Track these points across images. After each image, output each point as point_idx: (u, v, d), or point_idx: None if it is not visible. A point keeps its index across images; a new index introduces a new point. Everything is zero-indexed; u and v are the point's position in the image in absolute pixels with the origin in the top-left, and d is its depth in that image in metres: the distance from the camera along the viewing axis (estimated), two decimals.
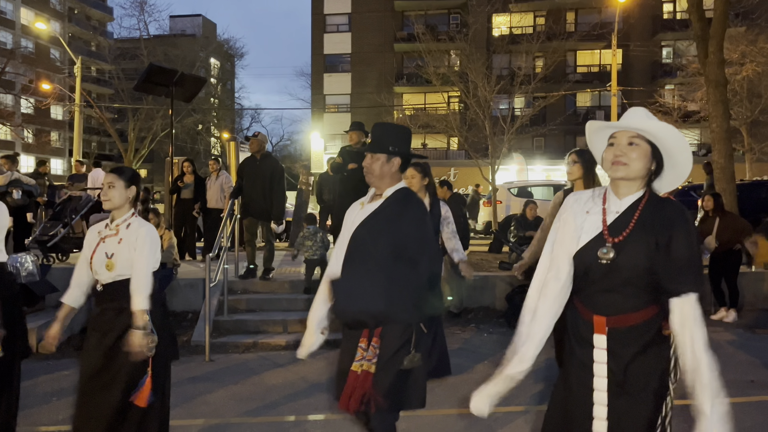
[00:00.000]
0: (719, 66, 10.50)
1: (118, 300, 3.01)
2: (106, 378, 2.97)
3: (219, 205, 9.52)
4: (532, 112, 18.01)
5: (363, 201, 2.93)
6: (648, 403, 2.01)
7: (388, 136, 2.90)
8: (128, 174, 3.12)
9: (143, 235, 3.03)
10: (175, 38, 36.05)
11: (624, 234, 2.02)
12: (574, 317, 2.16)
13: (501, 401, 2.35)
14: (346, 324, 2.78)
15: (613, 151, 2.06)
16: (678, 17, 31.08)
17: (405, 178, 4.77)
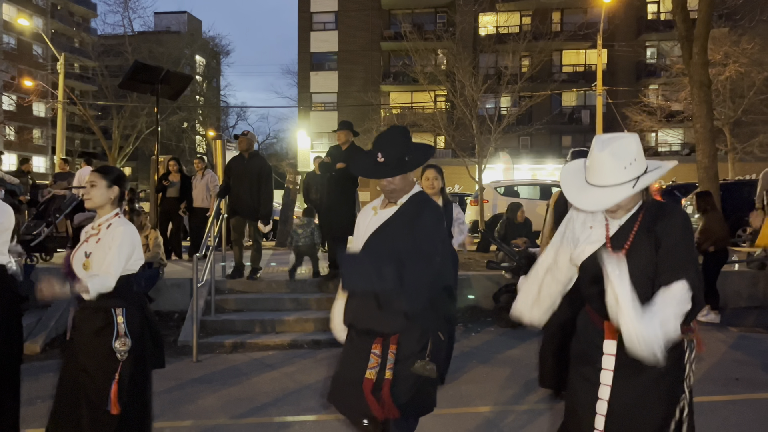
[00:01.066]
0: (703, 67, 10.62)
1: (93, 300, 2.97)
2: (76, 380, 2.94)
3: (205, 204, 9.46)
4: (519, 112, 18.07)
5: (376, 206, 2.82)
6: (655, 407, 2.02)
7: (399, 148, 2.68)
8: (112, 174, 3.08)
9: (118, 234, 2.97)
10: (160, 35, 35.73)
11: (626, 247, 2.05)
12: (585, 324, 2.20)
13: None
14: (361, 330, 2.71)
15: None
16: (662, 18, 31.38)
17: (426, 179, 4.79)
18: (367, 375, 2.59)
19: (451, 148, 29.97)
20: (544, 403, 4.54)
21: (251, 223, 7.32)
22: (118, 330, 2.93)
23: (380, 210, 2.77)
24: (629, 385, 2.04)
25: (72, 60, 37.36)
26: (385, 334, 2.61)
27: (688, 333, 2.07)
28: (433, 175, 4.81)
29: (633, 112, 22.76)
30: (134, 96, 27.32)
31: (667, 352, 2.00)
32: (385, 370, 2.58)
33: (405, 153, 2.67)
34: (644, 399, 2.04)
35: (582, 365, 2.17)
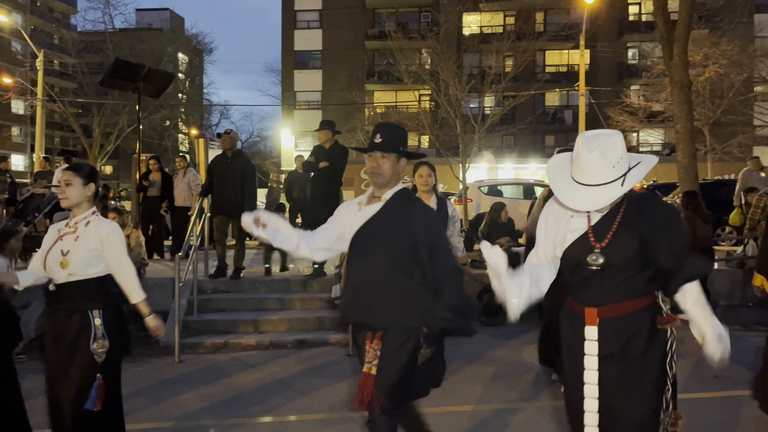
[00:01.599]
0: (684, 68, 10.73)
1: (69, 302, 2.94)
2: (59, 383, 2.92)
3: (186, 203, 9.38)
4: (503, 112, 18.18)
5: (360, 202, 2.83)
6: (646, 395, 2.06)
7: (397, 136, 2.79)
8: (86, 171, 3.05)
9: (108, 234, 2.97)
10: (142, 32, 35.32)
11: (608, 237, 2.08)
12: (568, 312, 2.24)
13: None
14: (353, 325, 2.84)
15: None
16: (643, 19, 31.70)
17: (420, 176, 4.82)
18: (364, 369, 2.64)
19: (435, 148, 30.09)
20: (527, 402, 4.57)
21: (234, 223, 7.27)
22: (95, 332, 2.91)
23: (365, 206, 2.78)
24: (615, 370, 2.09)
25: (51, 57, 36.83)
26: (373, 330, 2.65)
27: (671, 321, 2.12)
28: (426, 172, 4.83)
29: (615, 112, 22.98)
30: (115, 93, 27.03)
31: (652, 339, 2.05)
32: (372, 364, 2.62)
33: (401, 144, 2.78)
34: (632, 383, 2.08)
35: (569, 352, 2.22)
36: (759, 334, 6.75)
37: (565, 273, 2.19)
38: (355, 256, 2.74)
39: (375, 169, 2.73)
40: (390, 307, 2.60)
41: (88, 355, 2.88)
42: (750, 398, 4.02)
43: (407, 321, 2.62)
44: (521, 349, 6.13)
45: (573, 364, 2.19)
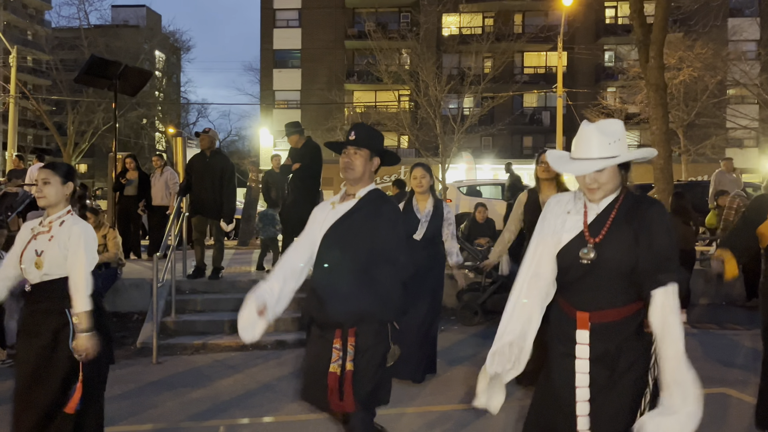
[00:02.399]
0: (659, 70, 10.90)
1: (46, 301, 2.89)
2: (37, 384, 2.85)
3: (164, 203, 9.27)
4: (482, 112, 18.28)
5: (334, 201, 2.88)
6: (626, 395, 2.07)
7: (372, 136, 2.86)
8: (64, 170, 3.01)
9: (77, 234, 2.91)
10: (118, 29, 34.82)
11: (602, 233, 2.09)
12: (558, 314, 2.22)
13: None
14: (319, 323, 2.76)
15: (583, 178, 2.12)
16: (619, 22, 32.13)
17: (414, 178, 4.84)
18: (331, 369, 2.63)
19: (414, 148, 30.14)
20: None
21: (213, 222, 7.20)
22: (74, 330, 2.86)
23: (338, 204, 2.83)
24: (604, 374, 2.09)
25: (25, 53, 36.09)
26: (343, 327, 2.66)
27: None
28: (420, 174, 4.86)
29: (592, 114, 23.25)
30: (90, 91, 26.61)
31: (637, 342, 2.06)
32: (346, 362, 2.63)
33: (375, 143, 2.85)
34: (618, 386, 2.08)
35: (557, 355, 2.19)
36: (733, 333, 6.89)
37: (558, 273, 2.19)
38: (325, 253, 2.76)
39: (348, 164, 2.78)
40: (362, 303, 2.64)
41: (67, 354, 2.83)
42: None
43: (378, 315, 2.67)
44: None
45: (562, 366, 2.17)
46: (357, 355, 2.64)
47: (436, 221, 4.87)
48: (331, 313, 2.67)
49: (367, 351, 2.65)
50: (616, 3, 32.45)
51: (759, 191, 12.97)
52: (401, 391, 4.81)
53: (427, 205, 4.90)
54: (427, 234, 4.83)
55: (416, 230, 4.83)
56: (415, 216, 4.88)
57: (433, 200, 4.93)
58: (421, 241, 4.83)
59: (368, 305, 2.64)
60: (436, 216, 4.88)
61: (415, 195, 4.97)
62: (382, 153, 2.87)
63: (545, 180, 4.54)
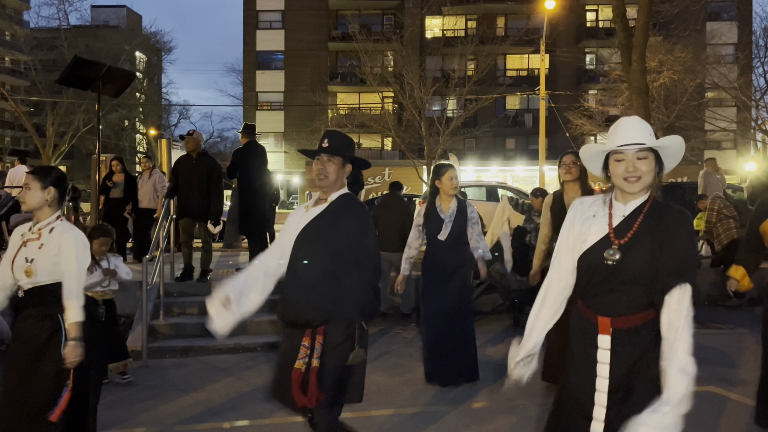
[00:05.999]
0: (642, 73, 11.05)
1: (38, 306, 2.86)
2: (24, 389, 2.82)
3: (152, 205, 9.18)
4: (468, 114, 18.38)
5: (308, 205, 2.96)
6: (644, 403, 2.07)
7: (344, 143, 2.94)
8: (46, 175, 2.95)
9: (69, 242, 2.87)
10: (98, 29, 34.42)
11: (629, 235, 2.10)
12: (579, 319, 2.22)
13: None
14: (289, 322, 2.82)
15: (625, 167, 2.11)
16: (600, 26, 32.52)
17: (449, 179, 4.83)
18: (296, 365, 2.70)
19: (398, 150, 30.17)
20: (510, 401, 4.63)
21: (201, 225, 7.16)
22: (66, 337, 2.84)
23: (311, 208, 2.91)
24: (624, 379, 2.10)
25: (3, 54, 35.63)
26: (312, 326, 2.72)
27: None
28: (455, 174, 4.89)
29: (574, 116, 23.50)
30: (70, 92, 26.28)
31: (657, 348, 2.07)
32: (312, 359, 2.69)
33: (347, 150, 2.92)
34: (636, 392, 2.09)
35: (578, 360, 2.20)
36: (715, 332, 7.02)
37: (581, 276, 2.19)
38: (297, 254, 2.83)
39: (321, 171, 2.86)
40: (327, 302, 2.71)
41: (57, 361, 2.80)
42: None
43: (346, 314, 2.75)
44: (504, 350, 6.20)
45: (582, 370, 2.17)
46: (324, 353, 2.71)
47: (460, 221, 4.87)
48: (299, 311, 2.75)
49: (333, 349, 2.72)
50: (597, 6, 32.83)
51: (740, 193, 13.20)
52: (385, 390, 4.83)
53: (451, 206, 4.90)
54: (452, 234, 4.84)
55: (440, 231, 4.84)
56: (439, 216, 4.89)
57: (456, 200, 4.93)
58: (445, 242, 4.84)
59: (333, 304, 2.71)
60: (460, 216, 4.88)
61: (438, 195, 4.96)
62: (353, 160, 2.96)
63: (569, 182, 4.57)
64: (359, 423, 4.07)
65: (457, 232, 4.86)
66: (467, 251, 4.98)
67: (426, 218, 4.98)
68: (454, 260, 4.85)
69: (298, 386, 2.68)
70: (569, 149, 4.86)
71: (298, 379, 2.68)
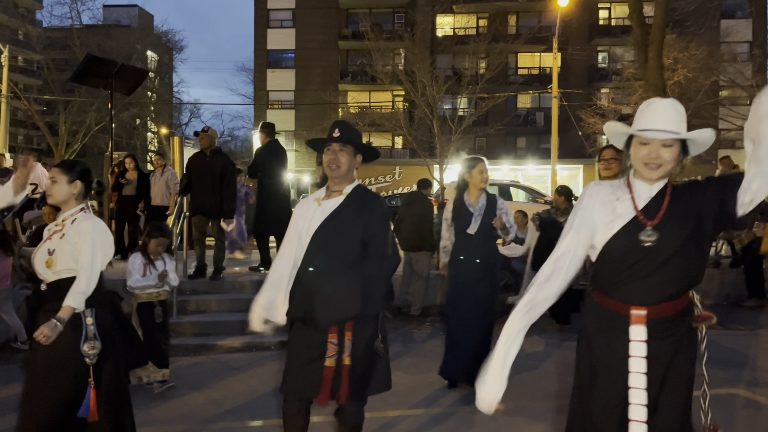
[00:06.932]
0: (658, 71, 10.95)
1: (58, 301, 2.79)
2: (49, 387, 2.77)
3: (164, 202, 9.16)
4: (480, 113, 18.26)
5: (318, 198, 2.87)
6: (682, 393, 2.01)
7: (355, 133, 2.89)
8: (73, 169, 2.94)
9: (86, 229, 2.83)
10: (110, 29, 34.59)
11: (659, 216, 2.01)
12: (599, 315, 2.10)
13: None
14: (307, 319, 2.72)
15: (648, 152, 2.03)
16: (613, 24, 32.26)
17: (480, 172, 4.76)
18: (327, 363, 2.66)
19: (409, 148, 30.08)
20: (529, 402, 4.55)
21: (213, 222, 7.12)
22: (86, 332, 2.78)
23: (324, 201, 2.82)
24: (659, 373, 2.01)
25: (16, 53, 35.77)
26: (339, 322, 2.67)
27: (707, 320, 2.11)
28: (486, 167, 4.81)
29: (587, 114, 23.30)
30: (82, 91, 26.41)
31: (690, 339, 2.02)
32: (342, 356, 2.66)
33: (358, 140, 2.87)
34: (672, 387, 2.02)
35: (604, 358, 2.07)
36: (735, 333, 6.89)
37: (610, 262, 2.06)
38: (317, 249, 2.76)
39: (333, 161, 2.79)
40: (356, 304, 2.66)
41: (78, 357, 2.75)
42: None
43: (374, 308, 2.73)
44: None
45: (612, 370, 2.04)
46: (354, 349, 2.68)
47: (489, 215, 4.77)
48: (325, 314, 2.66)
49: (363, 344, 2.70)
50: (609, 4, 32.58)
51: None
52: (401, 392, 4.76)
53: (480, 199, 4.81)
54: (481, 228, 4.74)
55: (469, 225, 4.75)
56: (468, 210, 4.81)
57: (485, 194, 4.84)
58: (475, 236, 4.75)
59: (361, 299, 2.66)
60: (490, 210, 4.78)
61: (467, 190, 4.87)
62: (364, 149, 2.90)
63: (608, 178, 4.34)
64: (376, 424, 4.01)
65: (486, 226, 4.76)
66: (496, 246, 4.91)
67: (455, 212, 4.90)
68: (482, 255, 4.77)
69: (329, 384, 2.64)
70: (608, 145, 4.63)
71: (330, 376, 2.64)
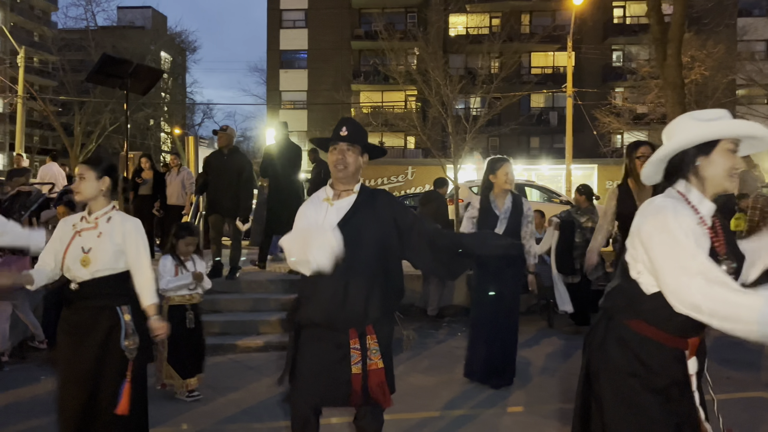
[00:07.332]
0: (677, 68, 10.79)
1: (96, 299, 2.79)
2: (88, 383, 2.75)
3: (180, 202, 9.17)
4: (495, 112, 18.13)
5: (328, 198, 2.73)
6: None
7: (362, 131, 2.77)
8: (101, 165, 2.91)
9: (132, 231, 2.85)
10: (124, 30, 34.84)
11: (722, 241, 1.89)
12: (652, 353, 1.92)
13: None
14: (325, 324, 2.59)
15: (734, 161, 1.88)
16: (628, 22, 31.97)
17: (505, 174, 4.63)
18: (354, 371, 2.57)
19: (421, 148, 29.97)
20: (548, 405, 4.48)
21: (230, 221, 7.10)
22: (126, 328, 2.80)
23: (335, 201, 2.70)
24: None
25: (31, 54, 36.13)
26: (359, 327, 2.60)
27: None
28: (511, 170, 4.70)
29: (601, 114, 23.10)
30: (97, 91, 26.57)
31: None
32: (367, 361, 2.58)
33: (364, 139, 2.76)
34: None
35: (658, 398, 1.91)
36: None
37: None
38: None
39: (340, 161, 2.67)
40: (382, 300, 2.60)
41: (119, 353, 2.76)
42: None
43: (393, 308, 2.71)
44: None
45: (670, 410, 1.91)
46: (383, 353, 2.61)
47: (515, 218, 4.69)
48: (344, 312, 2.56)
49: (388, 346, 2.67)
50: (624, 2, 32.29)
51: None
52: (423, 393, 4.70)
53: (506, 201, 4.72)
54: (507, 231, 4.64)
55: (494, 227, 4.66)
56: (493, 213, 4.72)
57: (511, 196, 4.74)
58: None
59: (384, 301, 2.61)
60: (516, 212, 4.70)
61: (492, 191, 4.77)
62: (369, 148, 2.79)
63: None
64: (397, 426, 3.96)
65: (512, 229, 4.67)
66: (522, 249, 4.79)
67: (480, 214, 4.80)
68: (507, 258, 4.66)
69: (359, 391, 2.55)
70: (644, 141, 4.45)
71: (360, 384, 2.55)
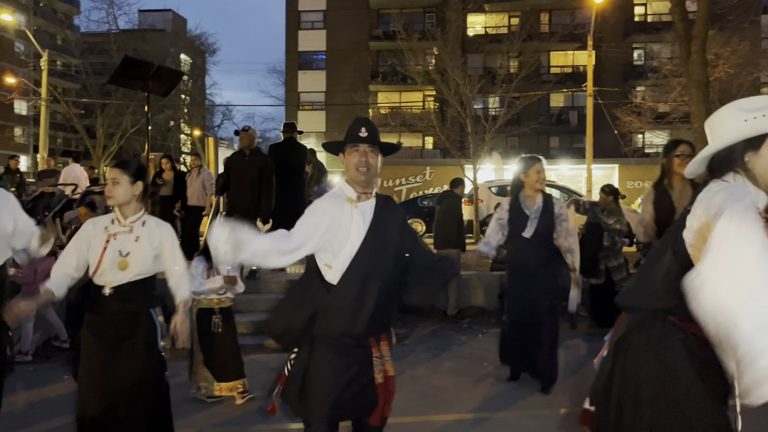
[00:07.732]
0: (702, 66, 10.59)
1: (133, 302, 2.80)
2: (129, 387, 2.74)
3: (201, 203, 9.21)
4: (514, 112, 18.00)
5: (351, 198, 2.56)
6: None
7: (377, 132, 2.62)
8: (133, 168, 2.88)
9: (168, 234, 2.90)
10: (145, 33, 35.23)
11: None
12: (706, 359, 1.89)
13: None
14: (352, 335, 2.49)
15: None
16: (649, 20, 31.56)
17: (537, 172, 4.52)
18: (377, 380, 2.54)
19: (439, 148, 29.88)
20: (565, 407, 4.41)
21: (251, 222, 7.10)
22: (161, 329, 2.88)
23: (359, 203, 2.56)
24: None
25: (54, 57, 36.69)
26: (376, 335, 2.57)
27: None
28: (542, 168, 4.60)
29: (623, 113, 22.82)
30: (119, 94, 26.91)
31: None
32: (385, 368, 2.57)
33: (379, 139, 2.64)
34: None
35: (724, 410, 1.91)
36: None
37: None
38: (366, 258, 2.48)
39: (363, 164, 2.52)
40: (396, 305, 2.61)
41: (157, 354, 2.82)
42: None
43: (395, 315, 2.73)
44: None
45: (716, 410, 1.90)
46: (390, 358, 2.62)
47: (546, 218, 4.59)
48: (373, 325, 2.50)
49: (391, 351, 2.68)
50: (646, 0, 31.89)
51: None
52: (447, 395, 4.65)
53: (537, 201, 4.62)
54: (538, 231, 4.55)
55: (524, 228, 4.58)
56: (524, 213, 4.63)
57: (542, 195, 4.65)
58: (531, 239, 4.56)
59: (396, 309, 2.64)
60: (546, 212, 4.59)
61: (523, 191, 4.69)
62: (384, 148, 2.63)
63: (680, 174, 3.90)
64: (419, 428, 3.91)
65: (543, 229, 4.57)
66: (554, 249, 4.66)
67: (510, 214, 4.71)
68: (539, 259, 4.57)
69: (383, 399, 2.53)
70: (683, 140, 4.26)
71: (383, 391, 2.53)
